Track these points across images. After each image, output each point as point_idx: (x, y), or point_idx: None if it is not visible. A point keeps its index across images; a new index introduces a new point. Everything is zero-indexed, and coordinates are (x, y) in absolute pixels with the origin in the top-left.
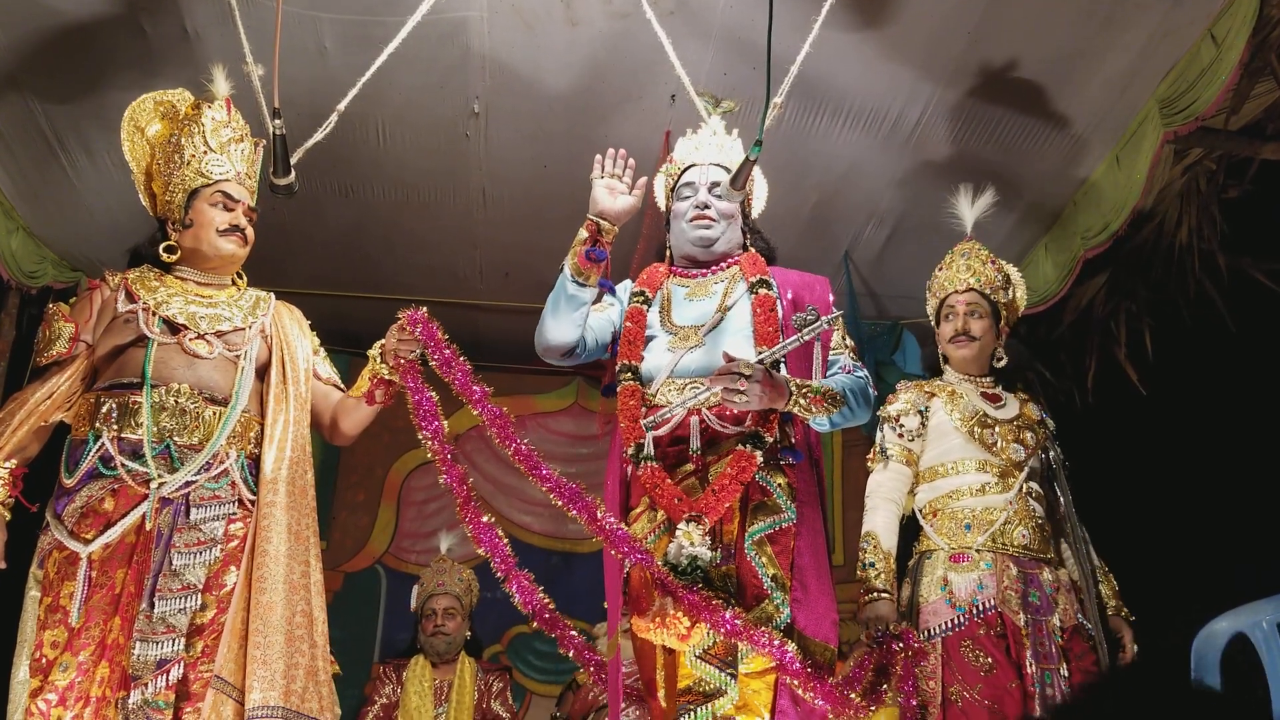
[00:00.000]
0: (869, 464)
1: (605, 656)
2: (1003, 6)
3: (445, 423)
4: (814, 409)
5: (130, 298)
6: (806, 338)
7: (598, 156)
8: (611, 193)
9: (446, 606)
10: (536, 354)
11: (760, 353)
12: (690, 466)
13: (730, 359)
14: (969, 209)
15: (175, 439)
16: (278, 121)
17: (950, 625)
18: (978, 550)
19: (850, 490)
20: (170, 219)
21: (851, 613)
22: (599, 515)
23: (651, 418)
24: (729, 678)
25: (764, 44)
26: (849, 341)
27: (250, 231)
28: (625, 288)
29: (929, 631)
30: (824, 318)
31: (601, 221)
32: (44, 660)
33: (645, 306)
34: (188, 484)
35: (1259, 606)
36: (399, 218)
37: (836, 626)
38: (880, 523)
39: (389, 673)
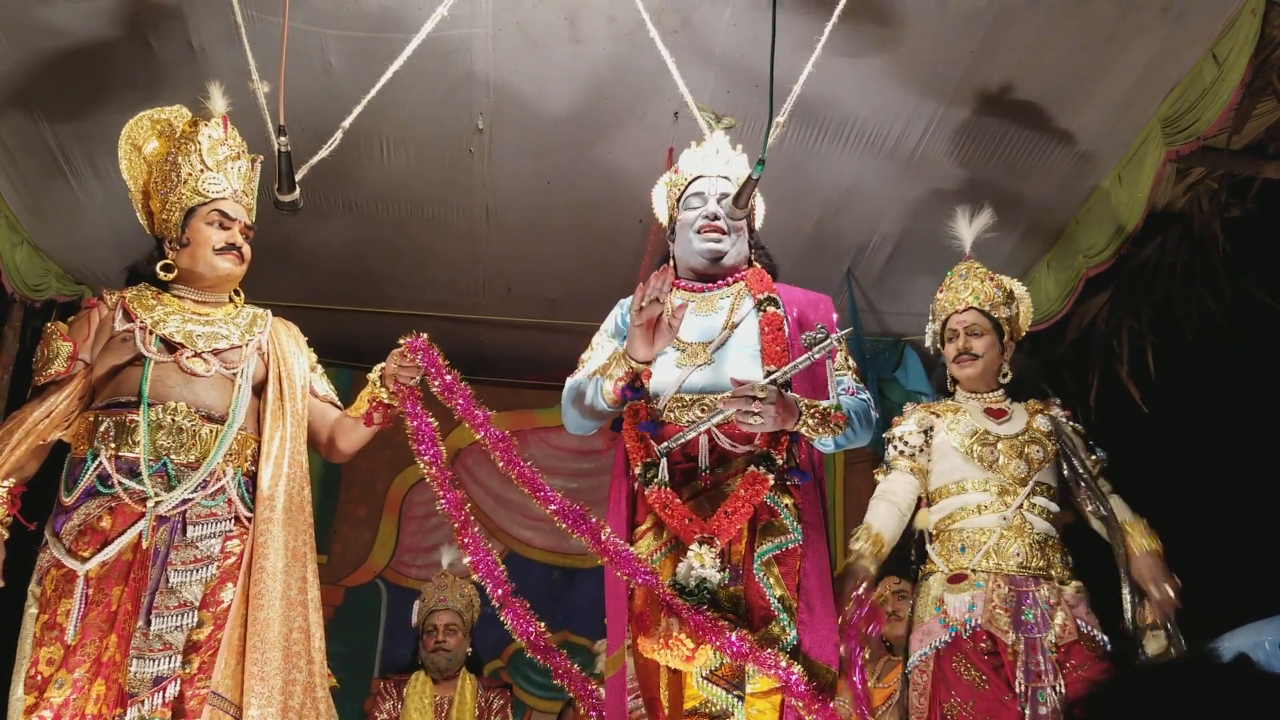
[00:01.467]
0: (876, 477)
1: (608, 673)
2: (1004, 27)
3: (444, 448)
4: (820, 430)
5: (127, 316)
6: (816, 356)
7: (640, 285)
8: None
9: (448, 623)
10: (537, 368)
11: (769, 372)
12: (699, 485)
13: (740, 383)
14: (968, 229)
15: (172, 457)
16: (283, 139)
17: (940, 643)
18: (973, 570)
19: (853, 508)
20: (167, 237)
21: None
22: (604, 538)
23: (666, 443)
24: (736, 699)
25: (766, 63)
26: (851, 362)
27: (247, 250)
28: (626, 306)
29: (922, 652)
30: (833, 336)
31: (636, 364)
32: (39, 677)
33: None
34: (184, 502)
35: (1261, 626)
36: (402, 233)
37: (839, 649)
38: (878, 514)
39: (389, 689)
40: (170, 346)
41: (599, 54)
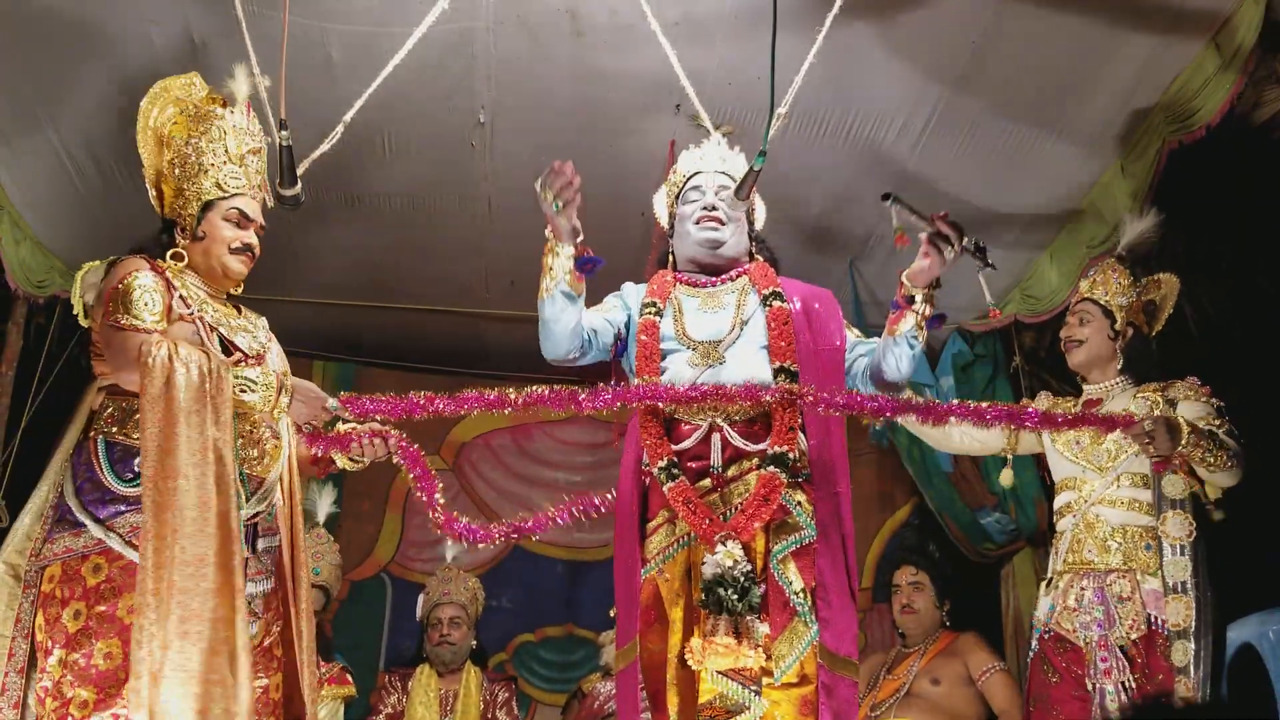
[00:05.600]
0: None
1: (617, 666)
2: (1007, 17)
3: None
4: (930, 307)
5: (184, 301)
6: (973, 255)
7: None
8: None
9: (452, 616)
10: (543, 362)
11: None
12: (709, 483)
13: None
14: (1129, 229)
15: (245, 469)
16: (284, 133)
17: (1031, 651)
18: (1058, 572)
19: (859, 501)
20: (181, 226)
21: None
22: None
23: (897, 200)
24: (752, 694)
25: (768, 55)
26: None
27: (258, 249)
28: (636, 293)
29: (1026, 657)
30: (991, 263)
31: (569, 248)
32: (94, 670)
33: (658, 318)
34: (255, 514)
35: (1266, 616)
36: (405, 228)
37: (857, 640)
38: None
39: (394, 682)
40: (224, 348)
41: (600, 46)
